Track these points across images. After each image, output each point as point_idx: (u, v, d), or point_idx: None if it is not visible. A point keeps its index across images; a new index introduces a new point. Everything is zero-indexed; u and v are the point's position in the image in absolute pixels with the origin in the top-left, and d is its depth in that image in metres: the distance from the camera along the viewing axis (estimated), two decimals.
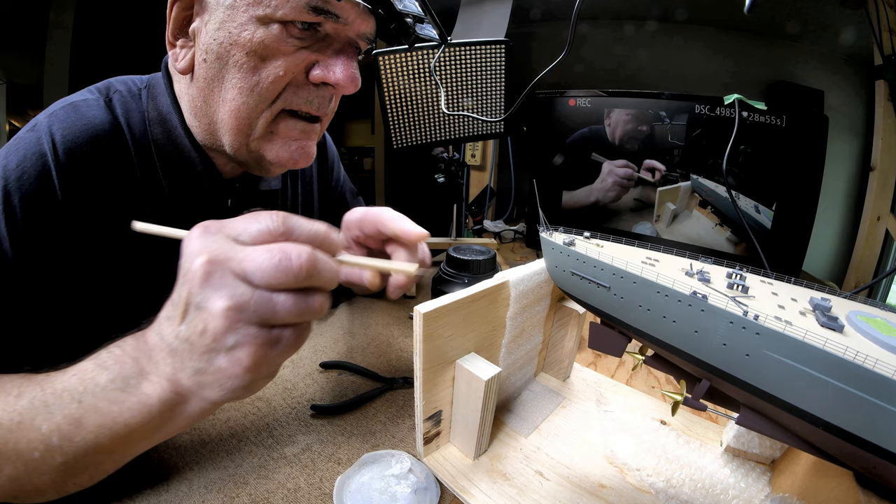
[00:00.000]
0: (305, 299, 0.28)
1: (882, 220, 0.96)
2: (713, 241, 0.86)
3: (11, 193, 0.37)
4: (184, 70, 0.42)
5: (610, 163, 0.90)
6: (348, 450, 0.43)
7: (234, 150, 0.44)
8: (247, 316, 0.26)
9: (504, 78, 0.86)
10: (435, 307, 0.35)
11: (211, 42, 0.39)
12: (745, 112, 0.76)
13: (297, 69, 0.41)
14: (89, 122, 0.41)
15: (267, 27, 0.38)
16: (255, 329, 0.27)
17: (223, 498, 0.37)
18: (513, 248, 1.21)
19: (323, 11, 0.39)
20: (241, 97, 0.40)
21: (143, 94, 0.46)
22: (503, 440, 0.44)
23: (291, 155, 0.46)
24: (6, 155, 0.39)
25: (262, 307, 0.26)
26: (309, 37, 0.40)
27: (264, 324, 0.27)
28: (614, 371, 0.57)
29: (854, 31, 1.00)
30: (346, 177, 0.77)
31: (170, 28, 0.41)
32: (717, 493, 0.38)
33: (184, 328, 0.28)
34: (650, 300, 0.30)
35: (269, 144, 0.44)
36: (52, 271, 0.40)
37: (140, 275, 0.45)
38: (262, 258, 0.26)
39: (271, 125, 0.43)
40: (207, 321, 0.27)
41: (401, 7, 0.43)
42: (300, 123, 0.45)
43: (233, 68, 0.40)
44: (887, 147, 0.95)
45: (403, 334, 0.68)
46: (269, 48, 0.39)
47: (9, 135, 1.46)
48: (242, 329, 0.27)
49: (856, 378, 0.23)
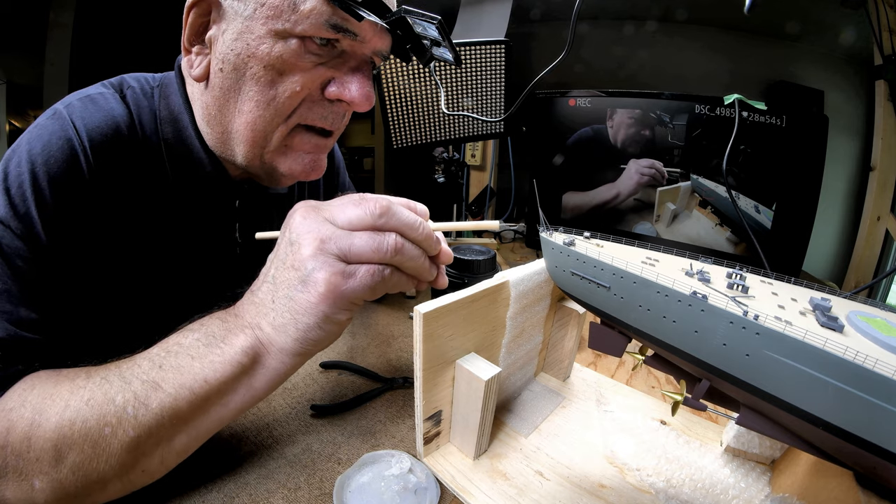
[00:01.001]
0: (378, 238, 0.33)
1: (882, 220, 0.96)
2: (713, 241, 0.86)
3: (39, 177, 0.37)
4: (199, 77, 0.42)
5: (636, 161, 0.90)
6: (348, 450, 0.43)
7: (247, 161, 0.44)
8: (328, 247, 0.33)
9: (504, 78, 0.87)
10: (435, 307, 0.35)
11: (228, 52, 0.39)
12: (745, 112, 0.76)
13: (313, 85, 0.41)
14: (109, 112, 0.41)
15: (285, 42, 0.38)
16: (333, 258, 0.32)
17: (223, 498, 0.37)
18: (513, 248, 1.21)
19: (342, 29, 0.38)
20: (257, 110, 0.40)
21: (155, 93, 0.46)
22: (503, 440, 0.44)
23: (304, 167, 0.46)
24: (28, 141, 0.38)
25: (342, 241, 0.33)
26: (326, 53, 0.40)
27: (342, 258, 0.33)
28: (614, 371, 0.57)
29: (854, 31, 1.00)
30: (350, 183, 0.77)
31: (186, 34, 0.41)
32: (717, 493, 0.38)
33: (273, 271, 0.34)
34: (650, 300, 0.30)
35: (283, 157, 0.45)
36: (83, 254, 0.39)
37: (149, 265, 0.45)
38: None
39: (286, 139, 0.43)
40: (297, 257, 0.33)
41: (419, 30, 0.43)
42: (314, 137, 0.45)
43: (250, 80, 0.39)
44: (887, 147, 0.95)
45: (403, 334, 0.68)
46: (287, 63, 0.39)
47: (9, 135, 1.46)
48: (322, 257, 0.32)
49: (856, 378, 0.23)
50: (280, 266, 0.34)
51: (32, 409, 0.32)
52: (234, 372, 0.33)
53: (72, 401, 0.32)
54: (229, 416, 0.34)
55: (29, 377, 0.35)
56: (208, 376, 0.32)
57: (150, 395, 0.31)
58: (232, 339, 0.33)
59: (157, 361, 0.33)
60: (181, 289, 0.48)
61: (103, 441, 0.31)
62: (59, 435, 0.30)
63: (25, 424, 0.31)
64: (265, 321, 0.34)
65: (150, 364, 0.33)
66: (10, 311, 0.35)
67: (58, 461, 0.30)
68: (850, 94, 1.09)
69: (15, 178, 0.36)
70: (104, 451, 0.31)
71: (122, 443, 0.31)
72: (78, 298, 0.40)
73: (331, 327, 0.34)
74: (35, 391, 0.33)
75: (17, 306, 0.36)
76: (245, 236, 0.53)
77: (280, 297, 0.34)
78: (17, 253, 0.36)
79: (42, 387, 0.33)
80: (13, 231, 0.36)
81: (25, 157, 0.37)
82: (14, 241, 0.36)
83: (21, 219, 0.36)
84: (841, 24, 1.01)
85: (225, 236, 0.51)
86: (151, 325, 0.45)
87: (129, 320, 0.45)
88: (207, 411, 0.33)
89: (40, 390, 0.33)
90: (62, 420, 0.31)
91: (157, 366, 0.33)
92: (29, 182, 0.36)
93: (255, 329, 0.34)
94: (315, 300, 0.32)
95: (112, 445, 0.31)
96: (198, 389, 0.32)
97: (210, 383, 0.32)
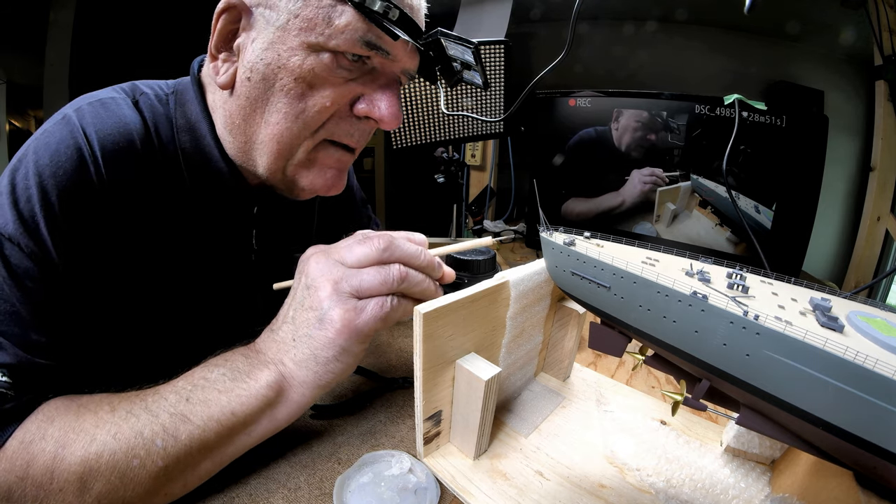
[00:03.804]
0: (384, 271, 0.36)
1: (882, 220, 0.96)
2: (713, 241, 0.86)
3: (48, 189, 0.35)
4: (224, 85, 0.41)
5: (638, 171, 0.90)
6: (348, 450, 0.43)
7: (269, 172, 0.43)
8: (341, 286, 0.36)
9: (504, 78, 0.87)
10: (435, 307, 0.35)
11: (257, 61, 0.38)
12: (745, 112, 0.76)
13: (342, 101, 0.40)
14: (121, 119, 0.40)
15: (318, 55, 0.38)
16: (346, 296, 0.36)
17: (223, 498, 0.37)
18: (513, 248, 1.21)
19: (376, 47, 0.38)
20: (285, 122, 0.40)
21: (170, 100, 0.44)
22: (503, 440, 0.44)
23: (325, 182, 0.45)
24: (36, 149, 0.36)
25: (353, 280, 0.36)
26: (357, 69, 0.40)
27: (354, 294, 0.36)
28: (614, 371, 0.57)
29: (854, 31, 1.00)
30: (358, 186, 0.77)
31: (213, 40, 0.40)
32: (717, 493, 0.38)
33: (292, 313, 0.38)
34: (650, 300, 0.30)
35: (306, 171, 0.44)
36: (95, 270, 0.38)
37: (163, 277, 0.44)
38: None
39: (311, 153, 0.43)
40: (314, 299, 0.36)
41: (451, 52, 0.43)
42: (338, 152, 0.44)
43: (279, 92, 0.39)
44: (887, 147, 0.95)
45: (403, 334, 0.68)
46: (319, 77, 0.38)
47: (9, 135, 1.46)
48: (336, 296, 0.36)
49: (856, 378, 0.23)
50: (298, 308, 0.37)
51: (55, 442, 0.31)
52: (260, 405, 0.35)
53: (98, 434, 0.32)
54: (251, 443, 0.37)
55: (46, 407, 0.34)
56: (235, 409, 0.35)
57: (180, 427, 0.33)
58: (257, 374, 0.36)
59: (184, 395, 0.34)
60: (195, 299, 0.47)
61: (131, 472, 0.31)
62: (85, 468, 0.31)
63: (48, 458, 0.31)
64: (287, 357, 0.37)
65: (177, 397, 0.34)
66: (20, 334, 0.34)
67: (83, 492, 0.31)
68: (850, 94, 1.09)
69: (23, 190, 0.34)
70: (132, 480, 0.31)
71: (150, 473, 0.32)
72: (91, 319, 0.38)
73: (347, 359, 0.37)
74: (55, 424, 0.32)
75: (27, 330, 0.34)
76: (261, 243, 0.52)
77: (300, 335, 0.37)
78: (27, 273, 0.34)
79: (63, 419, 0.33)
80: (22, 249, 0.34)
81: (33, 169, 0.35)
82: (24, 261, 0.34)
83: (31, 235, 0.34)
84: (841, 24, 1.01)
85: (241, 243, 0.51)
86: (165, 340, 0.45)
87: (142, 335, 0.44)
88: (233, 440, 0.36)
89: (61, 423, 0.32)
90: (88, 453, 0.31)
91: (185, 399, 0.34)
92: (37, 196, 0.34)
93: (279, 364, 0.37)
94: (333, 335, 0.35)
95: (140, 476, 0.32)
96: (225, 421, 0.34)
97: (237, 415, 0.35)
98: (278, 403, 0.36)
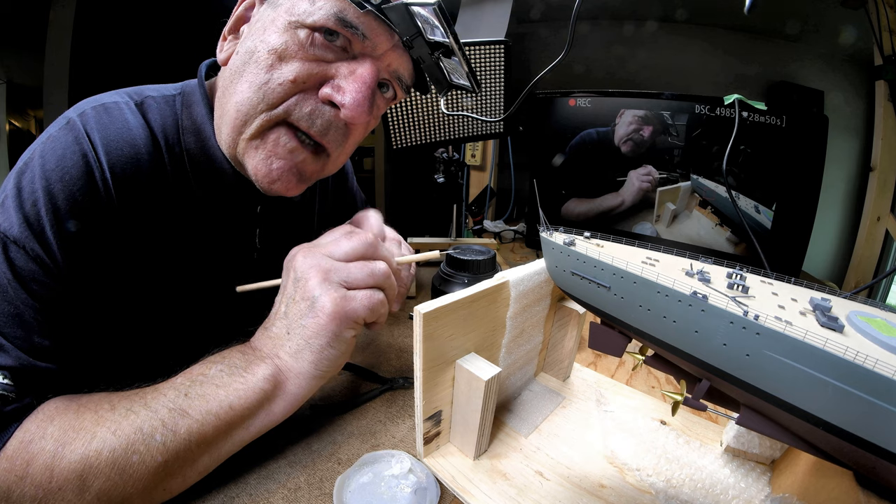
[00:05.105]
0: (370, 265, 0.39)
1: (882, 220, 0.96)
2: (713, 241, 0.86)
3: (55, 194, 0.35)
4: (223, 61, 0.43)
5: (634, 172, 0.90)
6: (348, 450, 0.43)
7: (229, 149, 0.43)
8: (331, 276, 0.37)
9: (503, 78, 0.86)
10: (435, 307, 0.35)
11: (248, 38, 0.41)
12: (745, 112, 0.76)
13: (309, 79, 0.39)
14: (124, 125, 0.40)
15: (295, 31, 0.38)
16: (337, 285, 0.37)
17: (223, 498, 0.37)
18: (513, 248, 1.21)
19: (350, 25, 0.38)
20: (248, 92, 0.39)
21: (176, 101, 0.45)
22: (503, 440, 0.44)
23: (269, 172, 0.41)
24: (42, 154, 0.36)
25: (342, 271, 0.38)
26: (333, 52, 0.39)
27: (344, 285, 0.38)
28: (614, 371, 0.57)
29: (854, 31, 1.00)
30: (358, 188, 0.77)
31: (229, 24, 0.43)
32: (717, 493, 0.38)
33: (284, 308, 0.39)
34: (650, 300, 0.30)
35: (254, 152, 0.41)
36: (100, 274, 0.38)
37: (168, 277, 0.44)
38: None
39: (264, 132, 0.40)
40: (305, 290, 0.37)
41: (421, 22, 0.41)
42: (292, 142, 0.41)
43: (253, 64, 0.39)
44: (887, 147, 0.95)
45: (403, 334, 0.68)
46: (289, 51, 0.38)
47: (9, 135, 1.46)
48: (326, 285, 0.37)
49: (856, 378, 0.23)
50: (290, 301, 0.38)
51: (55, 441, 0.31)
52: (258, 398, 0.36)
53: (98, 431, 0.32)
54: (249, 438, 0.37)
55: (46, 406, 0.34)
56: (233, 402, 0.35)
57: (178, 422, 0.33)
58: (254, 369, 0.37)
59: (183, 390, 0.35)
60: (197, 298, 0.47)
61: (131, 468, 0.31)
62: (85, 465, 0.31)
63: (47, 457, 0.31)
64: (282, 351, 0.38)
65: (175, 393, 0.35)
66: (23, 337, 0.34)
67: (82, 490, 0.31)
68: (850, 94, 1.10)
69: (29, 195, 0.35)
70: (131, 476, 0.32)
71: (149, 468, 0.32)
72: (94, 321, 0.39)
73: (340, 345, 0.38)
74: (55, 423, 0.32)
75: (30, 333, 0.34)
76: (264, 243, 0.52)
77: (294, 327, 0.38)
78: (32, 276, 0.34)
79: (63, 418, 0.33)
80: (27, 252, 0.34)
81: (39, 173, 0.35)
82: (29, 264, 0.34)
83: (36, 239, 0.34)
84: (841, 24, 1.01)
85: (244, 242, 0.51)
86: (166, 340, 0.45)
87: (144, 336, 0.44)
88: (230, 434, 0.36)
89: (61, 422, 0.32)
90: (88, 450, 0.31)
91: (183, 394, 0.34)
92: (44, 199, 0.34)
93: (275, 358, 0.38)
94: (325, 321, 0.36)
95: (139, 471, 0.32)
96: (223, 415, 0.35)
97: (235, 409, 0.35)
98: (275, 397, 0.37)
